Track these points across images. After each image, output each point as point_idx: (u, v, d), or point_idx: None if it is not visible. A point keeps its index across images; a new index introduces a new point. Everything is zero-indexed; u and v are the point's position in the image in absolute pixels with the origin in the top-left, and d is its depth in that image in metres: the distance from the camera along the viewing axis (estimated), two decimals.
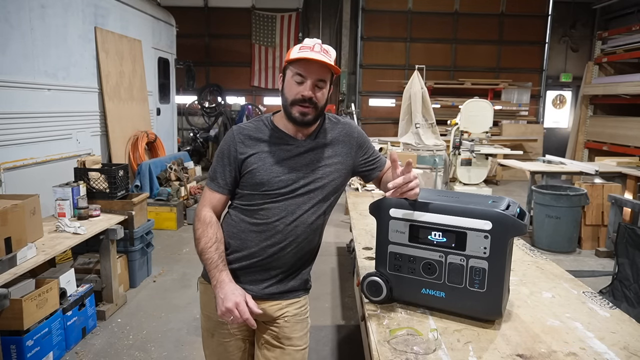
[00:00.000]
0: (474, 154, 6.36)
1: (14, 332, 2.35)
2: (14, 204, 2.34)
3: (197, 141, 9.54)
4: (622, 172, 5.37)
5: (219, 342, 1.49)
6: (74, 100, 4.45)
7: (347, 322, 3.25)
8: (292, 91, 1.35)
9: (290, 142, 1.41)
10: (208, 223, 1.41)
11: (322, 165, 1.42)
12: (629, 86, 7.50)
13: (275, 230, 1.37)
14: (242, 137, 1.41)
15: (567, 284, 1.66)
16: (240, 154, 1.39)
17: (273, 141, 1.41)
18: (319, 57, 1.31)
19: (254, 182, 1.38)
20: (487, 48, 10.12)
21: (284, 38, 9.85)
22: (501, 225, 1.24)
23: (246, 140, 1.40)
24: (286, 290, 1.44)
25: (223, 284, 1.34)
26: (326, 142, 1.45)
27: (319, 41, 1.37)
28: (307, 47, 1.33)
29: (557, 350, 1.21)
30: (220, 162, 1.42)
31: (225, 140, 1.43)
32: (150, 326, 3.11)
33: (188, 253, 4.60)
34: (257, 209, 1.39)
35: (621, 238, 3.22)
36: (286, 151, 1.40)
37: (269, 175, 1.37)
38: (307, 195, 1.39)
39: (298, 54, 1.33)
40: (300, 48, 1.34)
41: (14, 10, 3.58)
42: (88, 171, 3.45)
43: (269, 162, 1.38)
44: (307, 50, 1.33)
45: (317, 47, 1.34)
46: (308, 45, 1.34)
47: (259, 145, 1.40)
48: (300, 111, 1.35)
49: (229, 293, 1.32)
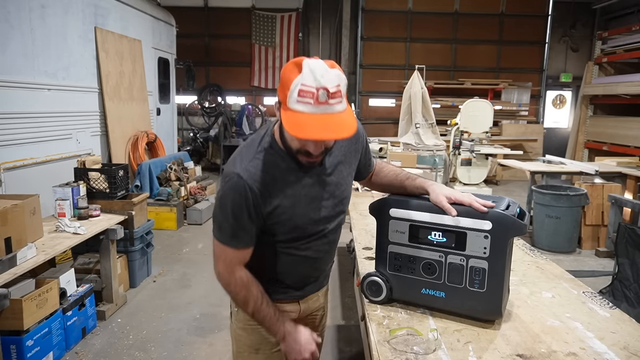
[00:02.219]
0: (474, 154, 6.36)
1: (14, 332, 2.35)
2: (14, 204, 2.34)
3: (197, 141, 9.54)
4: (622, 172, 5.37)
5: (267, 355, 1.40)
6: (74, 100, 4.45)
7: (347, 322, 3.25)
8: (294, 142, 1.16)
9: (304, 171, 1.23)
10: (247, 283, 1.25)
11: (341, 184, 1.32)
12: (629, 86, 7.50)
13: (319, 260, 1.37)
14: (258, 187, 1.18)
15: (567, 284, 1.66)
16: (262, 208, 1.20)
17: (290, 176, 1.22)
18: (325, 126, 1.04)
19: (286, 230, 1.25)
20: (487, 48, 10.11)
21: (284, 38, 9.84)
22: (501, 225, 1.24)
23: (263, 190, 1.19)
24: (323, 286, 1.50)
25: (292, 334, 1.29)
26: (337, 159, 1.31)
27: (323, 80, 1.03)
28: (308, 93, 1.03)
29: (557, 350, 1.21)
30: (238, 219, 1.19)
31: (237, 194, 1.17)
32: (150, 326, 3.11)
33: (188, 253, 4.60)
34: (293, 246, 1.29)
35: (621, 238, 3.22)
36: (308, 186, 1.24)
37: (302, 220, 1.25)
38: (338, 219, 1.36)
39: (296, 107, 1.05)
40: (299, 93, 1.04)
41: (14, 10, 3.58)
42: (88, 171, 3.45)
43: (297, 207, 1.23)
44: (308, 100, 1.04)
45: (323, 96, 1.03)
46: (310, 89, 1.03)
47: (278, 189, 1.20)
48: (308, 161, 1.19)
49: (304, 344, 1.28)
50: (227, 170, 1.22)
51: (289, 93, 1.06)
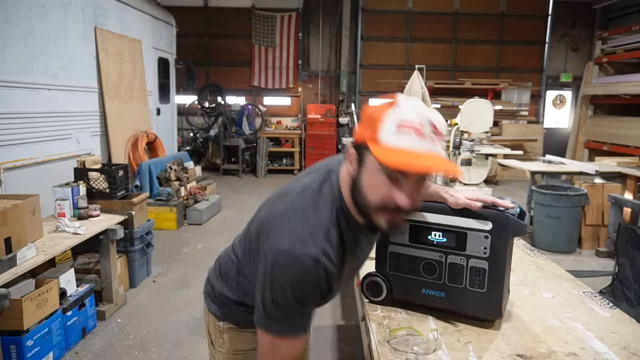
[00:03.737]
0: (474, 154, 6.35)
1: (14, 332, 2.35)
2: (14, 204, 2.34)
3: (197, 141, 9.54)
4: (622, 172, 5.36)
5: None
6: (73, 100, 4.45)
7: (347, 322, 3.25)
8: (378, 191, 0.91)
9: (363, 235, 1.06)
10: None
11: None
12: (629, 86, 7.50)
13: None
14: (333, 272, 0.96)
15: (567, 284, 1.66)
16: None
17: (353, 245, 1.04)
18: (434, 161, 0.86)
19: None
20: (487, 48, 10.11)
21: (284, 38, 9.84)
22: (501, 225, 1.24)
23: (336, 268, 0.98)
24: None
25: None
26: None
27: (428, 114, 0.87)
28: (410, 127, 0.85)
29: (557, 350, 1.21)
30: (305, 304, 0.97)
31: (307, 279, 0.93)
32: (150, 326, 3.11)
33: (188, 253, 4.60)
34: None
35: (621, 238, 3.22)
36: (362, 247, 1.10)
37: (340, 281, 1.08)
38: None
39: (396, 143, 0.85)
40: (399, 126, 0.86)
41: (14, 10, 3.58)
42: (88, 171, 3.45)
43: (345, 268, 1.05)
44: (410, 133, 0.85)
45: (428, 130, 0.86)
46: (412, 123, 0.85)
47: (345, 261, 1.02)
48: (391, 221, 0.94)
49: None
50: (293, 248, 0.92)
51: (380, 126, 0.87)
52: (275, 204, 1.04)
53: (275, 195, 1.09)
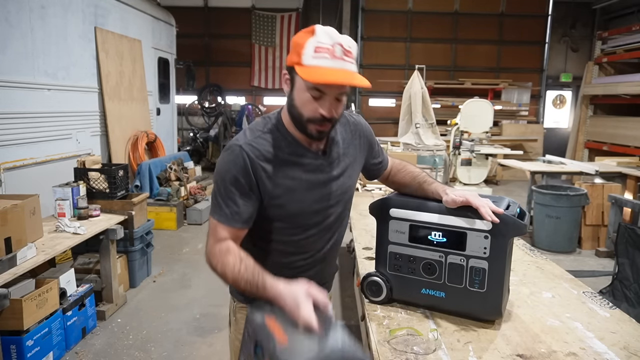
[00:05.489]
0: (474, 154, 6.36)
1: (14, 332, 2.35)
2: (14, 204, 2.34)
3: (197, 141, 9.54)
4: (622, 172, 5.37)
5: None
6: (74, 100, 4.44)
7: (347, 322, 3.24)
8: (306, 107, 1.12)
9: (309, 158, 1.21)
10: (224, 252, 1.14)
11: (343, 176, 1.29)
12: (629, 86, 7.50)
13: (321, 259, 1.32)
14: (259, 163, 1.15)
15: (567, 284, 1.66)
16: (261, 184, 1.16)
17: (292, 159, 1.19)
18: (344, 74, 1.07)
19: (284, 214, 1.21)
20: (487, 48, 10.11)
21: (283, 38, 9.85)
22: (501, 225, 1.24)
23: (265, 167, 1.15)
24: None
25: (280, 286, 1.05)
26: (340, 151, 1.28)
27: (338, 38, 1.07)
28: (324, 49, 1.06)
29: (557, 350, 1.21)
30: (234, 192, 1.14)
31: (237, 165, 1.14)
32: (150, 326, 3.10)
33: (188, 253, 4.60)
34: (292, 240, 1.25)
35: (621, 238, 3.22)
36: (310, 172, 1.21)
37: (301, 206, 1.21)
38: (339, 212, 1.31)
39: (314, 63, 1.06)
40: (316, 49, 1.06)
41: (14, 10, 3.58)
42: (88, 171, 3.45)
43: (297, 192, 1.19)
44: (325, 55, 1.05)
45: (339, 51, 1.06)
46: (326, 45, 1.06)
47: (279, 169, 1.17)
48: (318, 129, 1.14)
49: (296, 290, 1.03)
50: (229, 144, 1.19)
51: (303, 51, 1.07)
52: None
53: None
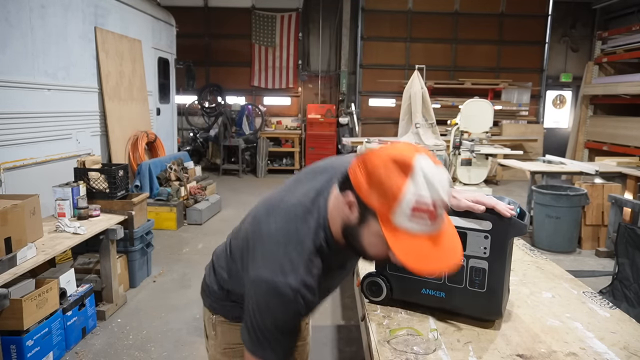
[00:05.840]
0: (474, 154, 6.35)
1: (14, 332, 2.35)
2: (14, 204, 2.34)
3: (197, 141, 9.54)
4: (622, 172, 5.36)
5: None
6: (74, 100, 4.44)
7: (347, 322, 3.24)
8: (373, 248, 0.96)
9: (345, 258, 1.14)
10: None
11: None
12: (629, 86, 7.50)
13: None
14: (312, 296, 1.00)
15: (567, 284, 1.66)
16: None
17: (335, 267, 1.11)
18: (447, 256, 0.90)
19: None
20: (487, 48, 10.11)
21: (284, 38, 9.84)
22: (501, 225, 1.24)
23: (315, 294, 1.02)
24: None
25: None
26: None
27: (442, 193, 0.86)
28: (424, 210, 0.85)
29: (557, 350, 1.21)
30: (286, 337, 1.03)
31: (290, 311, 0.98)
32: (150, 326, 3.10)
33: (188, 253, 4.60)
34: None
35: (621, 238, 3.22)
36: (342, 268, 1.17)
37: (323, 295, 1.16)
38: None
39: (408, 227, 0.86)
40: (414, 209, 0.85)
41: (14, 10, 3.58)
42: (88, 171, 3.45)
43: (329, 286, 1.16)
44: (424, 217, 0.85)
45: (440, 210, 0.87)
46: (426, 203, 0.84)
47: (322, 281, 1.04)
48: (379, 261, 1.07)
49: None
50: (274, 278, 0.96)
51: (397, 206, 0.85)
52: (263, 219, 1.07)
53: (266, 204, 1.12)
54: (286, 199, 1.09)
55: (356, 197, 0.92)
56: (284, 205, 1.06)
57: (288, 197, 1.09)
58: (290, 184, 1.16)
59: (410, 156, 0.87)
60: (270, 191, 1.20)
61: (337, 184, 1.01)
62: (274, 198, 1.12)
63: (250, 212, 1.18)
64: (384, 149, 0.91)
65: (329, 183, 1.07)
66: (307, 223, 1.01)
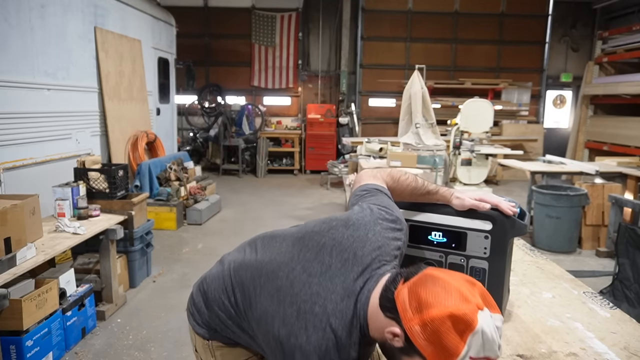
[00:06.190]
0: (474, 154, 6.35)
1: (13, 332, 2.35)
2: (14, 204, 2.34)
3: (197, 141, 9.54)
4: (623, 172, 5.36)
5: None
6: (73, 100, 4.44)
7: None
8: None
9: None
10: None
11: None
12: (629, 86, 7.50)
13: None
14: None
15: (567, 284, 1.66)
16: None
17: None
18: None
19: None
20: (487, 48, 10.11)
21: (284, 38, 9.84)
22: (501, 225, 1.24)
23: None
24: None
25: None
26: None
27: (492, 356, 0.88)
28: None
29: (557, 351, 1.20)
30: None
31: None
32: (150, 326, 3.10)
33: (188, 253, 4.60)
34: None
35: (622, 238, 3.22)
36: None
37: None
38: None
39: None
40: None
41: (13, 9, 3.57)
42: (88, 171, 3.45)
43: None
44: None
45: None
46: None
47: None
48: None
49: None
50: None
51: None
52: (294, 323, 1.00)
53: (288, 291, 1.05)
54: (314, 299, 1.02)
55: (403, 330, 0.90)
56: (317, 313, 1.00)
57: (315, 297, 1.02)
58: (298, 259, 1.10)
59: (472, 316, 0.85)
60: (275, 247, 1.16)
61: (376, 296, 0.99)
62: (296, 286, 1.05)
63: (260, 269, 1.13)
64: (443, 296, 0.87)
65: (356, 282, 1.03)
66: (343, 319, 0.99)
